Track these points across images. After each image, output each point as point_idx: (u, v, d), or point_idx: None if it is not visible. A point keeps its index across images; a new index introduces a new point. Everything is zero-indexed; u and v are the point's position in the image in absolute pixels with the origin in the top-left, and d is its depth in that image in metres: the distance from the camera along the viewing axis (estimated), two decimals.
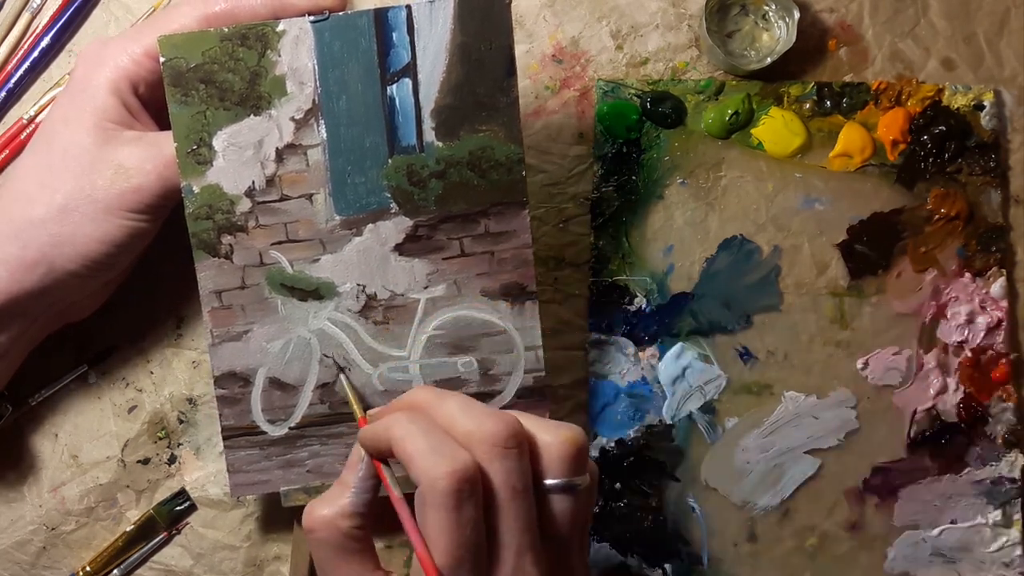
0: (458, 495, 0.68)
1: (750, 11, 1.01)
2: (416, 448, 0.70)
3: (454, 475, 0.68)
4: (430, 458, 0.69)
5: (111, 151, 0.84)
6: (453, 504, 0.68)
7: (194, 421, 1.00)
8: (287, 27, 0.83)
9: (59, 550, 0.99)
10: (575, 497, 0.74)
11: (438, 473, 0.68)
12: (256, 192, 0.85)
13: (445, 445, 0.70)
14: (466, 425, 0.72)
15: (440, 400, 0.76)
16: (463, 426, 0.72)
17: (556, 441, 0.74)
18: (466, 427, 0.72)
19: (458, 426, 0.73)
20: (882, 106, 1.01)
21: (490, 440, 0.71)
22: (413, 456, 0.70)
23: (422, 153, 0.85)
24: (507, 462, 0.71)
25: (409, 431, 0.72)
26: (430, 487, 0.68)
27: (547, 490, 0.73)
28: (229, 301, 0.87)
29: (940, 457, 1.00)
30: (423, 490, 0.69)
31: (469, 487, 0.68)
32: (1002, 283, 1.00)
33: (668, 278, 1.00)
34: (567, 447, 0.74)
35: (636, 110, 1.00)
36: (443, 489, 0.68)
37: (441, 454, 0.69)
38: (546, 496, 0.73)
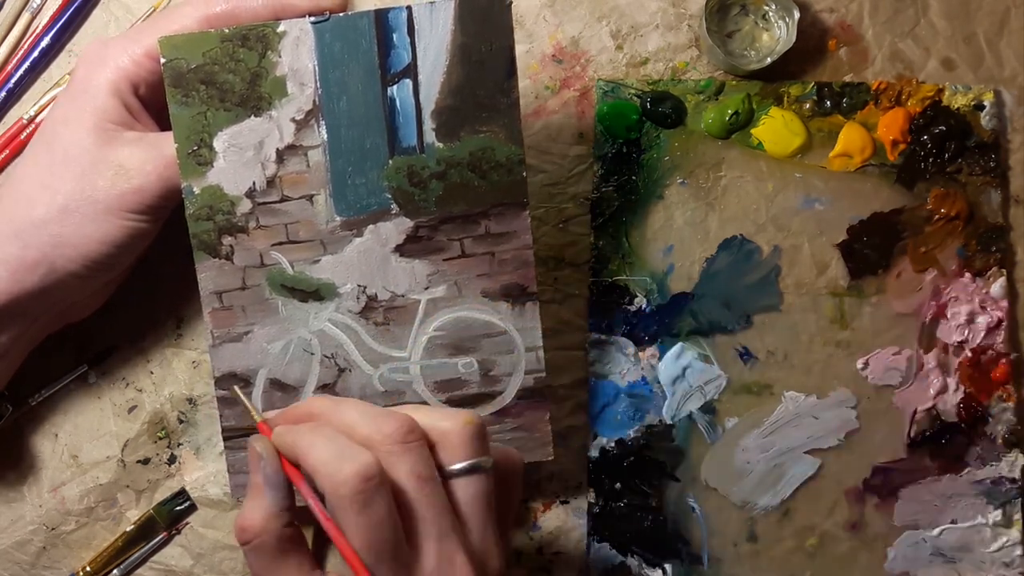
0: (364, 494, 0.68)
1: (750, 11, 1.01)
2: (319, 458, 0.71)
3: (356, 476, 0.68)
4: (333, 464, 0.69)
5: (112, 152, 0.84)
6: (360, 504, 0.68)
7: (194, 421, 1.00)
8: (288, 28, 0.83)
9: (59, 550, 0.99)
10: (482, 476, 0.75)
11: (341, 478, 0.68)
12: (257, 193, 0.85)
13: (347, 450, 0.71)
14: (364, 429, 0.73)
15: (337, 407, 0.77)
16: (362, 430, 0.73)
17: (454, 428, 0.74)
18: (364, 431, 0.73)
19: (357, 431, 0.73)
20: (882, 106, 1.01)
21: (390, 438, 0.72)
22: (317, 466, 0.70)
23: (422, 154, 0.85)
24: (409, 456, 0.72)
25: (312, 442, 0.72)
26: (335, 492, 0.69)
27: (453, 475, 0.74)
28: (230, 302, 0.87)
29: (940, 457, 1.00)
30: (330, 497, 0.70)
31: (373, 484, 0.69)
32: (1002, 283, 1.00)
33: (668, 278, 1.00)
34: (466, 430, 0.74)
35: (636, 110, 1.00)
36: (348, 492, 0.68)
37: (343, 458, 0.70)
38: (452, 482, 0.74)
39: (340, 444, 0.71)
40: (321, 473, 0.70)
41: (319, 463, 0.70)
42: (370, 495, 0.68)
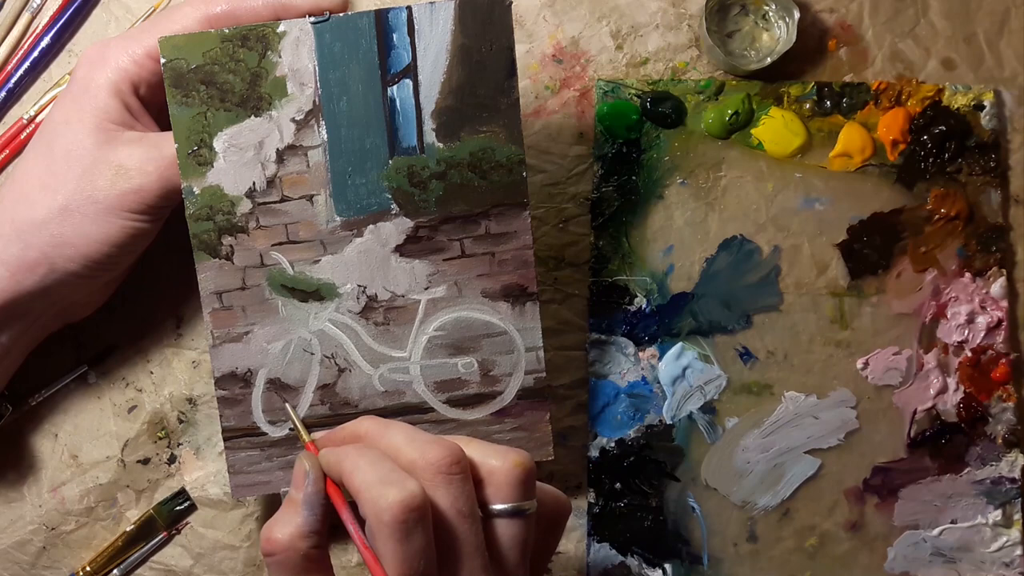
0: (405, 524, 0.68)
1: (750, 11, 1.01)
2: (364, 480, 0.70)
3: (400, 504, 0.68)
4: (377, 489, 0.69)
5: (112, 152, 0.84)
6: (401, 533, 0.68)
7: (194, 421, 1.00)
8: (288, 28, 0.83)
9: (59, 550, 0.99)
10: (523, 522, 0.74)
11: (385, 504, 0.68)
12: (257, 193, 0.85)
13: (392, 475, 0.70)
14: (410, 454, 0.73)
15: (385, 430, 0.77)
16: (407, 455, 0.73)
17: (503, 467, 0.74)
18: (410, 456, 0.73)
19: (403, 455, 0.73)
20: (882, 106, 1.01)
21: (434, 467, 0.71)
22: (361, 489, 0.70)
23: (423, 154, 0.85)
24: (452, 488, 0.71)
25: (357, 464, 0.72)
26: (377, 518, 0.68)
27: (494, 514, 0.74)
28: (230, 302, 0.87)
29: (940, 457, 1.00)
30: (371, 521, 0.69)
31: (416, 515, 0.68)
32: (1002, 283, 1.00)
33: (668, 278, 1.00)
34: (514, 472, 0.74)
35: (636, 110, 1.00)
36: (390, 519, 0.68)
37: (388, 483, 0.69)
38: (493, 521, 0.74)
39: (385, 469, 0.71)
40: (364, 497, 0.70)
41: (363, 486, 0.70)
42: (412, 525, 0.68)
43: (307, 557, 0.73)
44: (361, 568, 1.00)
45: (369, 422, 0.79)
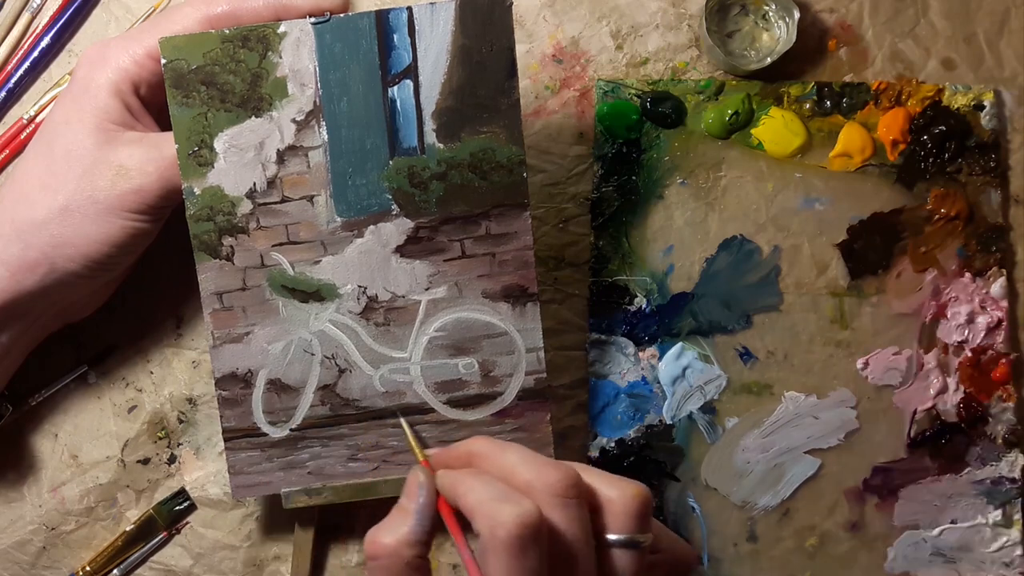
0: (521, 541, 0.67)
1: (750, 11, 1.01)
2: (479, 498, 0.70)
3: (516, 519, 0.67)
4: (493, 505, 0.68)
5: (112, 152, 0.84)
6: (516, 550, 0.67)
7: (194, 421, 1.00)
8: (288, 29, 0.83)
9: (59, 550, 0.99)
10: (637, 555, 0.73)
11: (501, 519, 0.67)
12: (257, 194, 0.85)
13: (508, 493, 0.70)
14: (526, 475, 0.72)
15: (500, 451, 0.76)
16: (523, 476, 0.72)
17: (622, 496, 0.73)
18: (526, 477, 0.72)
19: (518, 476, 0.72)
20: (882, 106, 1.01)
21: (550, 489, 0.71)
22: (475, 506, 0.69)
23: (423, 155, 0.85)
24: (568, 511, 0.70)
25: (472, 486, 0.71)
26: (491, 533, 0.67)
27: (608, 544, 0.72)
28: (230, 303, 0.87)
29: (940, 457, 1.00)
30: (484, 537, 0.68)
31: (532, 534, 0.67)
32: (1002, 283, 1.00)
33: (668, 278, 1.00)
34: (632, 503, 0.73)
35: (636, 110, 1.00)
36: (505, 535, 0.67)
37: (504, 500, 0.68)
38: (606, 551, 0.72)
39: (501, 488, 0.70)
40: (479, 513, 0.69)
41: (478, 503, 0.69)
42: (527, 543, 0.67)
43: (410, 565, 0.73)
44: (360, 568, 1.00)
45: (484, 442, 0.78)
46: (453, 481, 0.74)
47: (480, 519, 0.69)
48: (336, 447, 0.89)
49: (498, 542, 0.67)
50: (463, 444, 0.80)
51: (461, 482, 0.73)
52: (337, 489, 0.90)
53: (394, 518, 0.75)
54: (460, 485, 0.72)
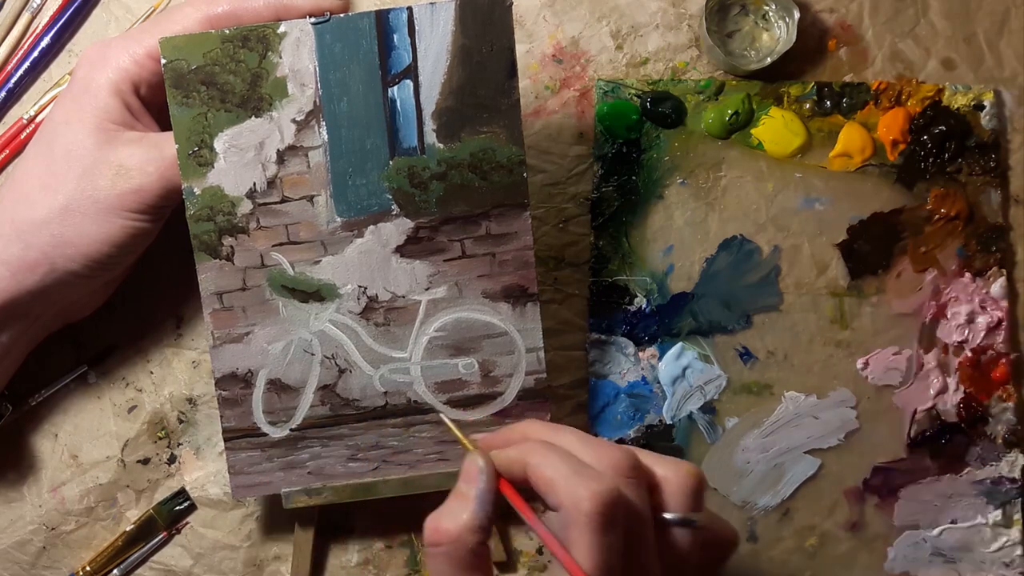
0: (605, 517, 0.67)
1: (750, 11, 1.01)
2: (558, 472, 0.69)
3: (600, 496, 0.67)
4: (575, 480, 0.68)
5: (112, 152, 0.84)
6: (600, 526, 0.67)
7: (194, 421, 0.99)
8: (288, 29, 0.83)
9: (59, 550, 0.99)
10: (691, 533, 0.73)
11: (586, 493, 0.67)
12: (257, 194, 0.85)
13: (588, 469, 0.69)
14: (586, 456, 0.72)
15: (555, 433, 0.76)
16: (584, 456, 0.72)
17: (676, 475, 0.73)
18: (587, 458, 0.72)
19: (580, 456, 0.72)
20: (882, 106, 1.01)
21: (615, 469, 0.70)
22: (555, 479, 0.69)
23: (423, 155, 0.85)
24: (630, 491, 0.70)
25: (546, 458, 0.71)
26: (575, 507, 0.67)
27: (665, 523, 0.72)
28: (230, 303, 0.87)
29: (940, 457, 1.00)
30: (568, 512, 0.68)
31: (616, 510, 0.67)
32: (1002, 283, 1.00)
33: (668, 278, 1.00)
34: (688, 482, 0.73)
35: (636, 110, 1.00)
36: (590, 509, 0.67)
37: (587, 476, 0.68)
38: (664, 530, 0.72)
39: (577, 463, 0.70)
40: (561, 488, 0.69)
41: (559, 477, 0.69)
42: (610, 520, 0.67)
43: (474, 552, 0.72)
44: (360, 568, 1.00)
45: (538, 425, 0.78)
46: (521, 455, 0.73)
47: (562, 493, 0.68)
48: (336, 447, 0.89)
49: (582, 515, 0.67)
50: (515, 427, 0.80)
51: (532, 454, 0.72)
52: (337, 489, 0.90)
53: (454, 504, 0.74)
54: (531, 457, 0.72)
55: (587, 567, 0.67)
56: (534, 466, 0.71)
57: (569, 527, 0.68)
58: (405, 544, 1.00)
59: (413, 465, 0.90)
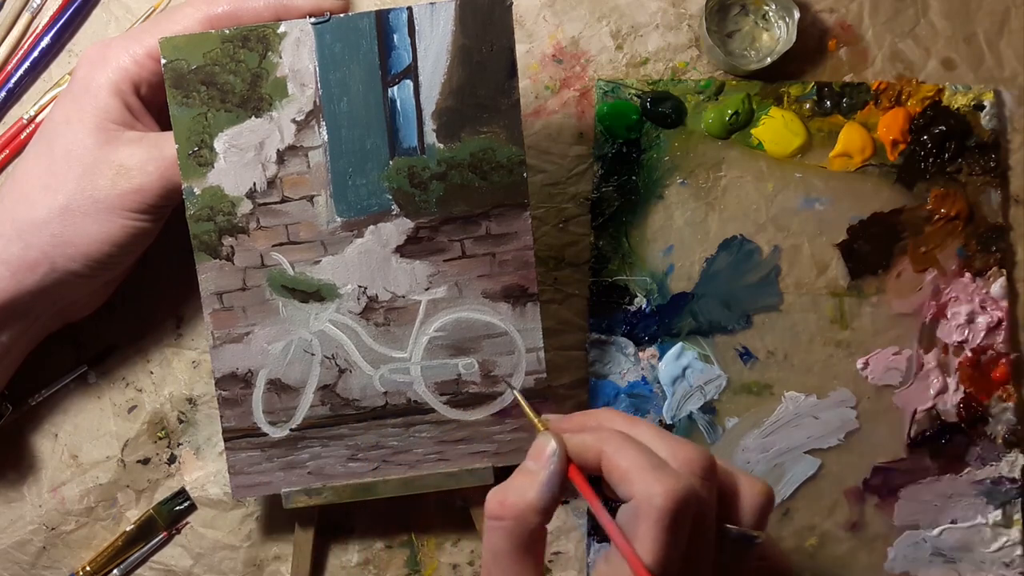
0: (676, 515, 0.66)
1: (750, 11, 1.01)
2: (635, 463, 0.69)
3: (674, 494, 0.66)
4: (651, 473, 0.68)
5: (113, 151, 0.84)
6: (670, 523, 0.66)
7: (194, 421, 0.99)
8: (288, 29, 0.83)
9: (59, 550, 0.99)
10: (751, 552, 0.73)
11: (659, 489, 0.66)
12: (257, 194, 0.85)
13: (664, 464, 0.69)
14: (662, 451, 0.71)
15: (631, 424, 0.75)
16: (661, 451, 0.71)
17: (751, 490, 0.73)
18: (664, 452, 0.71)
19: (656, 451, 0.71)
20: (882, 106, 1.01)
21: (689, 467, 0.70)
22: (630, 470, 0.69)
23: (423, 155, 0.85)
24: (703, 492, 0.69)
25: (623, 448, 0.70)
26: (649, 502, 0.66)
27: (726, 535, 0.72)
28: (230, 303, 0.87)
29: (940, 457, 1.00)
30: (640, 504, 0.67)
31: (689, 509, 0.67)
32: (1002, 283, 1.00)
33: (668, 278, 1.00)
34: (759, 500, 0.73)
35: (636, 110, 1.00)
36: (662, 504, 0.66)
37: (664, 472, 0.68)
38: (724, 541, 0.72)
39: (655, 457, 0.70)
40: (636, 479, 0.68)
41: (635, 469, 0.68)
42: (681, 518, 0.67)
43: (534, 532, 0.71)
44: (360, 568, 1.00)
45: (615, 414, 0.77)
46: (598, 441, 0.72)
47: (637, 484, 0.68)
48: (336, 447, 0.89)
49: (655, 511, 0.66)
50: (591, 414, 0.79)
51: (609, 442, 0.71)
52: (337, 489, 0.90)
53: (521, 480, 0.73)
54: (608, 444, 0.71)
55: (649, 561, 0.66)
56: (610, 455, 0.70)
57: (639, 520, 0.67)
58: (405, 544, 0.99)
59: (413, 465, 0.90)
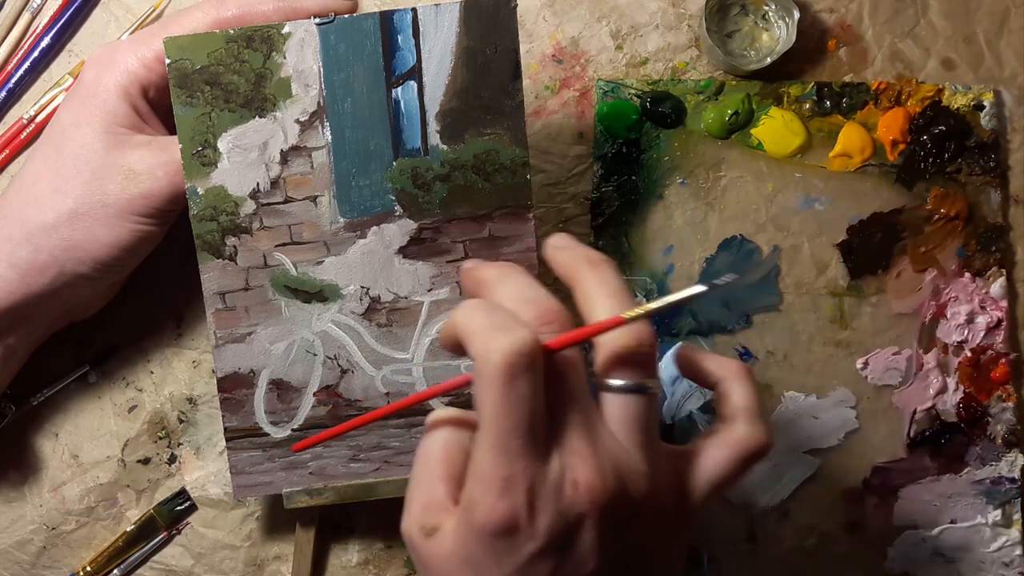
0: (510, 369, 0.63)
1: (750, 11, 1.01)
2: (475, 327, 0.66)
3: (510, 347, 0.64)
4: (486, 333, 0.65)
5: (121, 155, 0.84)
6: (505, 379, 0.64)
7: (194, 421, 0.99)
8: (292, 29, 0.83)
9: (59, 550, 0.99)
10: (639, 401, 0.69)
11: (491, 347, 0.64)
12: (261, 194, 0.85)
13: (505, 321, 0.66)
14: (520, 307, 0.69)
15: (500, 280, 0.72)
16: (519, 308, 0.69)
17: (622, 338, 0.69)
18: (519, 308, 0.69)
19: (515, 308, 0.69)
20: (882, 106, 1.01)
21: (540, 319, 0.68)
22: (471, 335, 0.66)
23: (427, 156, 0.85)
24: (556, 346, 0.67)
25: (468, 313, 0.68)
26: (484, 361, 0.64)
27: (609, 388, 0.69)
28: (233, 303, 0.87)
29: (940, 457, 1.00)
30: (477, 365, 0.65)
31: (524, 362, 0.64)
32: (1002, 283, 1.00)
33: (668, 278, 1.00)
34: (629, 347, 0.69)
35: (636, 110, 1.00)
36: (496, 363, 0.63)
37: (498, 328, 0.65)
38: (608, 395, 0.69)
39: (498, 315, 0.67)
40: (474, 343, 0.66)
41: (473, 332, 0.66)
42: (516, 372, 0.64)
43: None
44: (360, 568, 1.00)
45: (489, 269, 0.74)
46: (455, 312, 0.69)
47: (472, 348, 0.66)
48: (338, 447, 0.89)
49: (488, 366, 0.64)
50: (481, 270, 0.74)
51: (460, 310, 0.68)
52: (338, 489, 0.90)
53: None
54: (458, 313, 0.68)
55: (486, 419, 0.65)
56: (459, 325, 0.68)
57: (476, 379, 0.65)
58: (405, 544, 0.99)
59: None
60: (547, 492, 0.65)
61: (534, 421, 0.65)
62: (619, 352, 0.69)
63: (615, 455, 0.68)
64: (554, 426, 0.67)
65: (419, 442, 0.74)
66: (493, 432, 0.65)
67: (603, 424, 0.69)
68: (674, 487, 0.73)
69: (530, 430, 0.65)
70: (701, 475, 0.74)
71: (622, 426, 0.69)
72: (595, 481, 0.66)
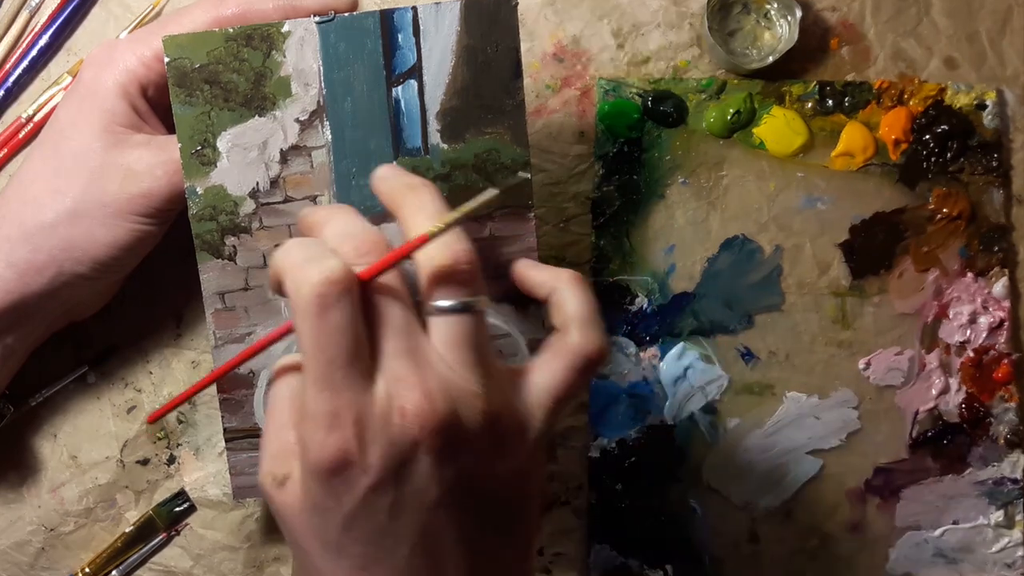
0: (321, 300, 0.64)
1: (752, 10, 1.01)
2: (289, 263, 0.66)
3: (315, 279, 0.64)
4: (297, 267, 0.65)
5: (120, 155, 0.84)
6: (318, 308, 0.64)
7: (193, 421, 0.99)
8: (292, 28, 0.82)
9: (58, 551, 0.99)
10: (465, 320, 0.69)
11: (302, 279, 0.64)
12: (260, 194, 0.85)
13: (317, 255, 0.66)
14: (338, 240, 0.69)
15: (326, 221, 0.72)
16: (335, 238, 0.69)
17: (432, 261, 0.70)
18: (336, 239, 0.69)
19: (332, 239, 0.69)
20: (884, 105, 1.01)
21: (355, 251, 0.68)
22: (285, 272, 0.66)
23: (427, 155, 0.85)
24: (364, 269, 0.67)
25: (283, 250, 0.68)
26: (296, 294, 0.64)
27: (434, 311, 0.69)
28: (232, 303, 0.86)
29: (942, 457, 1.00)
30: (292, 301, 0.65)
31: (335, 290, 0.64)
32: (1004, 283, 1.00)
33: (669, 278, 1.00)
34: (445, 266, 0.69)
35: (637, 109, 1.00)
36: (306, 295, 0.64)
37: (309, 261, 0.65)
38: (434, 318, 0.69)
39: (312, 250, 0.67)
40: (286, 279, 0.66)
41: (287, 268, 0.66)
42: (328, 303, 0.64)
43: None
44: None
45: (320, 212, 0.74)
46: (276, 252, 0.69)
47: (287, 284, 0.66)
48: None
49: (300, 300, 0.64)
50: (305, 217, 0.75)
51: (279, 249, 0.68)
52: None
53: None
54: (277, 252, 0.68)
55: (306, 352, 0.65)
56: (276, 263, 0.68)
57: (293, 315, 0.65)
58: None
59: None
60: (375, 422, 0.65)
61: (354, 351, 0.65)
62: (437, 272, 0.69)
63: (443, 378, 0.67)
64: (378, 356, 0.67)
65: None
66: (314, 367, 0.65)
67: (431, 348, 0.68)
68: (512, 406, 0.72)
69: (350, 361, 0.65)
70: (538, 389, 0.72)
71: (450, 348, 0.69)
72: (423, 405, 0.65)
